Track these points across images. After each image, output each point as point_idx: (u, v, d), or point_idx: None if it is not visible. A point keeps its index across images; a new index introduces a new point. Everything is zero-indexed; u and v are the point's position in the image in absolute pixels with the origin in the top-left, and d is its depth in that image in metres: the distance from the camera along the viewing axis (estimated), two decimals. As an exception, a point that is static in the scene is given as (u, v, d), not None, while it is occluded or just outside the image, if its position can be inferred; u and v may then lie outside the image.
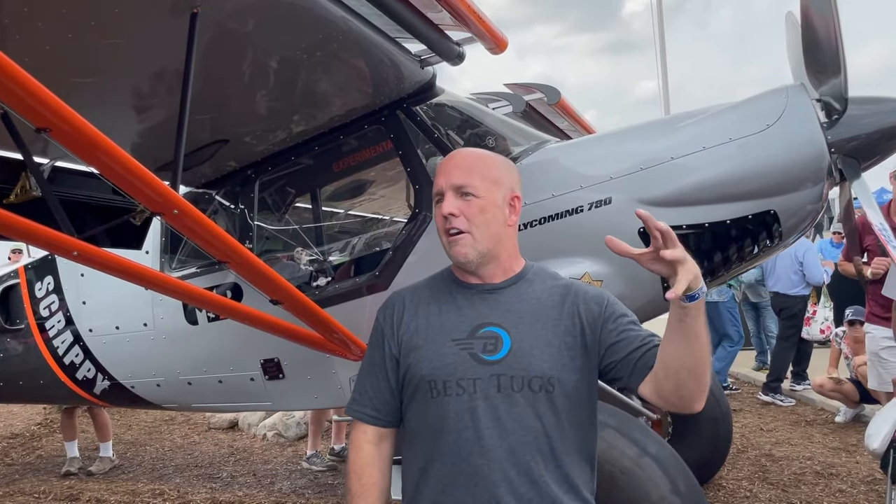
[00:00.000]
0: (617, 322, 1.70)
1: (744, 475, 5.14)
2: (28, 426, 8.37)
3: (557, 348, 1.65)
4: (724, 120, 3.28)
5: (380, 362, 1.76)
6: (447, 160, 1.80)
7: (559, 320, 1.68)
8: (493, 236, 1.71)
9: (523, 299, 1.71)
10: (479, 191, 1.70)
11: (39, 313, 4.79)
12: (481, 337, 1.65)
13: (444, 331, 1.69)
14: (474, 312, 1.70)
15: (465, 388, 1.61)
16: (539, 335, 1.65)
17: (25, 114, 1.93)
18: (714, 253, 3.26)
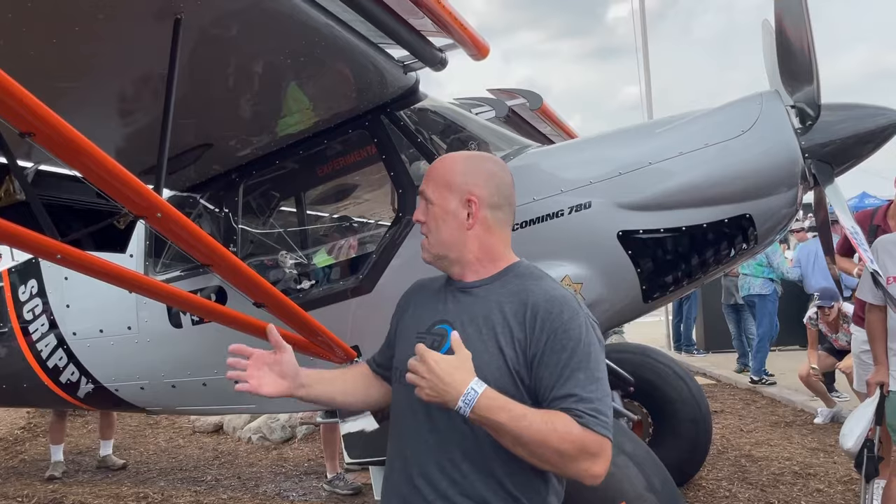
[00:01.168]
0: (553, 358, 1.57)
1: (723, 475, 5.21)
2: (11, 430, 8.32)
3: (495, 356, 1.61)
4: (701, 125, 3.35)
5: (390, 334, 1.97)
6: (432, 167, 1.86)
7: (508, 329, 1.63)
8: (444, 242, 1.75)
9: (485, 301, 1.69)
10: (434, 197, 1.76)
11: (23, 316, 4.78)
12: (434, 333, 1.72)
13: (416, 322, 1.81)
14: (442, 308, 1.77)
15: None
16: (482, 339, 1.63)
17: (10, 118, 1.95)
18: (691, 256, 3.32)
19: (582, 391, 1.53)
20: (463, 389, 1.48)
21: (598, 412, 1.52)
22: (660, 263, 3.32)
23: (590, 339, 1.59)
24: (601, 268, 3.34)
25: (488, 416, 1.48)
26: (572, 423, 1.49)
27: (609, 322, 3.61)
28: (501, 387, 1.55)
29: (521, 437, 1.48)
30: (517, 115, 5.42)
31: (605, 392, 1.57)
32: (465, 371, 1.51)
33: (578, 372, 1.54)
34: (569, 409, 1.51)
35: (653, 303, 3.49)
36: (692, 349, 11.43)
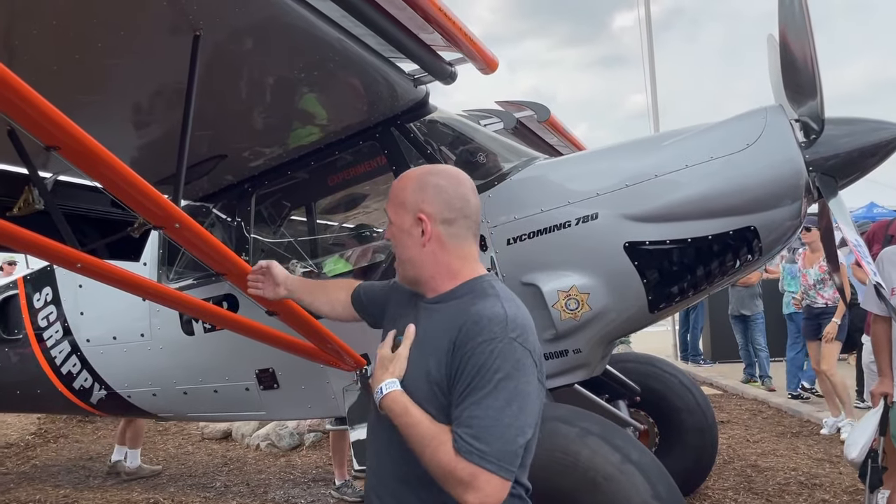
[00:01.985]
0: (459, 380, 1.56)
1: (729, 485, 5.23)
2: (22, 436, 8.40)
3: (424, 378, 1.62)
4: (707, 139, 3.40)
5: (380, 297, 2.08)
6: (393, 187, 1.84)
7: (440, 347, 1.61)
8: (409, 261, 1.75)
9: (431, 318, 1.71)
10: (392, 217, 1.76)
11: (38, 324, 4.86)
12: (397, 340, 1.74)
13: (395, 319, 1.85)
14: (405, 322, 1.75)
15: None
16: (417, 358, 1.65)
17: (36, 133, 2.03)
18: (697, 267, 3.37)
19: (465, 415, 1.50)
20: (377, 386, 1.64)
21: (476, 438, 1.47)
22: (666, 274, 3.37)
23: (497, 366, 1.51)
24: (608, 278, 3.39)
25: (389, 417, 1.61)
26: (447, 445, 1.49)
27: (615, 332, 3.66)
28: (419, 399, 1.58)
29: (409, 443, 1.57)
30: (525, 127, 5.49)
31: (498, 421, 1.48)
32: (385, 370, 1.65)
33: (471, 396, 1.51)
34: (453, 431, 1.51)
35: (659, 313, 3.53)
36: (699, 359, 11.43)
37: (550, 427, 2.62)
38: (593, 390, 4.25)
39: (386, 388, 1.61)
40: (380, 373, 1.65)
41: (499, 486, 1.47)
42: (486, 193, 3.65)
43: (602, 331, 3.53)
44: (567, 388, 3.80)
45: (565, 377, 3.67)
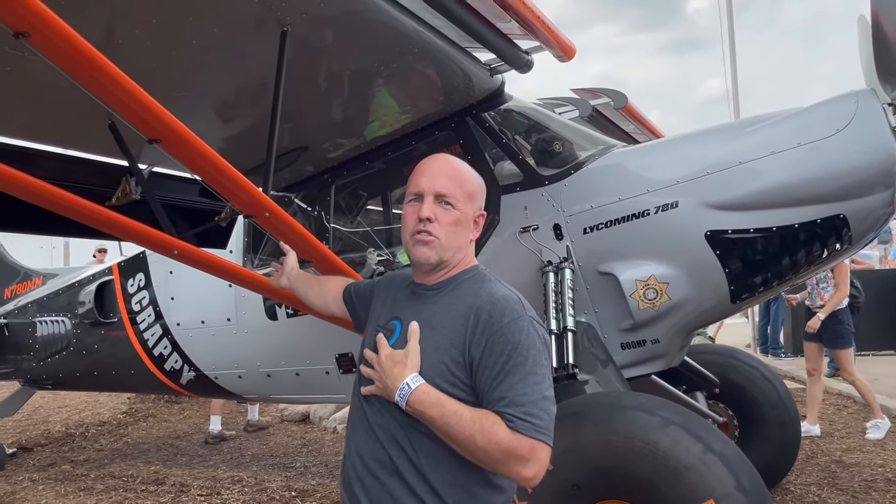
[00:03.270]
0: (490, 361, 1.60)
1: (812, 480, 5.09)
2: (114, 414, 8.87)
3: (438, 356, 1.64)
4: (793, 124, 3.30)
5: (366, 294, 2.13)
6: (431, 163, 1.82)
7: (452, 331, 1.66)
8: (457, 248, 1.76)
9: (437, 303, 1.74)
10: (458, 203, 1.74)
11: (131, 308, 5.13)
12: (387, 328, 1.78)
13: (379, 316, 1.87)
14: (398, 306, 1.82)
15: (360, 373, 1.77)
16: (430, 347, 1.65)
17: (140, 126, 2.15)
18: (782, 256, 3.29)
19: (513, 394, 1.55)
20: (399, 384, 1.58)
21: (530, 415, 1.53)
22: (749, 264, 3.30)
23: (529, 343, 1.60)
24: (687, 268, 3.34)
25: (421, 411, 1.56)
26: (500, 425, 1.52)
27: (695, 322, 3.61)
28: (442, 386, 1.60)
29: (451, 433, 1.55)
30: (601, 115, 5.43)
31: (542, 395, 1.56)
32: (403, 366, 1.61)
33: (512, 375, 1.56)
34: (500, 412, 1.54)
35: (741, 304, 3.47)
36: (779, 352, 11.09)
37: (630, 416, 2.62)
38: (670, 381, 4.21)
39: (413, 383, 1.57)
40: (396, 370, 1.60)
41: (549, 455, 1.56)
42: (562, 182, 3.65)
43: (681, 321, 3.48)
44: (644, 379, 3.77)
45: (642, 367, 3.64)
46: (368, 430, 1.71)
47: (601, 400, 2.91)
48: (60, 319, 5.72)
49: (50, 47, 1.78)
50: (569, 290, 3.37)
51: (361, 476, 1.70)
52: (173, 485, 5.67)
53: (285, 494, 5.24)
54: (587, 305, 3.52)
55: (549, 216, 3.60)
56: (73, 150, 3.79)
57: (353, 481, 1.72)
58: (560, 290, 3.37)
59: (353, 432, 1.78)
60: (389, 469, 1.66)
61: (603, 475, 2.63)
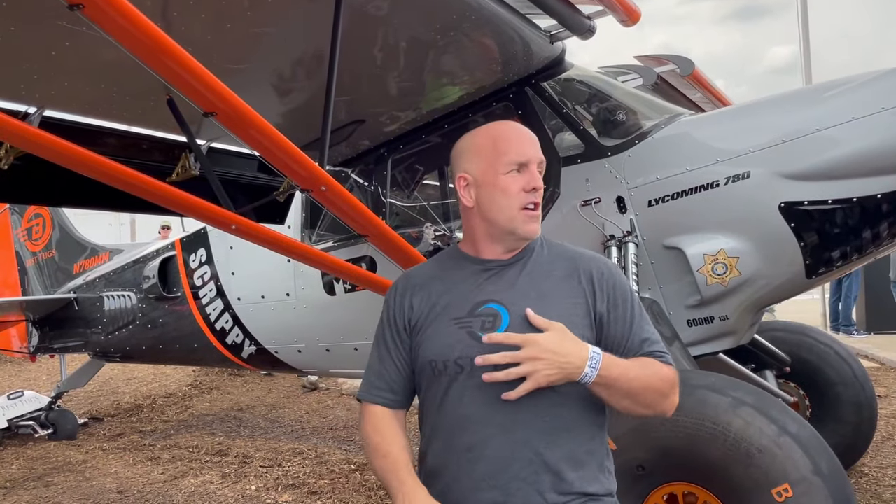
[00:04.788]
0: (619, 311, 1.64)
1: (889, 463, 4.85)
2: (180, 387, 9.14)
3: (567, 321, 1.56)
4: (876, 88, 3.09)
5: (393, 346, 1.70)
6: (513, 130, 1.70)
7: (569, 296, 1.62)
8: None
9: (529, 274, 1.65)
10: (542, 167, 1.68)
11: (193, 283, 5.22)
12: (480, 315, 1.60)
13: (447, 310, 1.65)
14: (477, 290, 1.64)
15: (462, 367, 1.58)
16: (548, 312, 1.56)
17: (196, 99, 2.13)
18: (863, 229, 3.10)
19: (651, 334, 1.66)
20: (586, 355, 1.49)
21: (664, 349, 1.65)
22: (826, 237, 3.12)
23: (630, 287, 1.72)
24: (760, 241, 3.18)
25: (607, 375, 1.50)
26: (659, 363, 1.60)
27: (767, 299, 3.44)
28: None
29: (633, 386, 1.53)
30: (665, 83, 5.23)
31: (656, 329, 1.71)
32: (574, 340, 1.50)
33: (640, 318, 1.66)
34: (649, 353, 1.62)
35: (817, 279, 3.29)
36: (851, 329, 10.66)
37: (700, 395, 2.51)
38: (739, 359, 4.05)
39: (597, 355, 1.49)
40: (570, 345, 1.48)
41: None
42: (626, 153, 3.52)
43: (752, 297, 3.33)
44: (711, 357, 3.63)
45: (710, 345, 3.51)
46: (502, 429, 1.56)
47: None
48: (126, 294, 5.88)
49: (104, 19, 1.75)
50: (633, 265, 3.26)
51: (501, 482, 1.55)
52: (236, 456, 5.80)
53: (345, 468, 5.29)
54: (652, 281, 3.40)
55: (612, 188, 3.48)
56: (135, 126, 3.83)
57: (486, 489, 1.56)
58: (624, 265, 3.26)
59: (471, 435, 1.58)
60: (536, 466, 1.55)
61: (669, 457, 2.53)
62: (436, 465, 1.65)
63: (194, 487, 5.08)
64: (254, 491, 4.92)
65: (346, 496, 4.66)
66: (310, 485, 4.93)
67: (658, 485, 2.58)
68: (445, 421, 1.62)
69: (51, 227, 7.62)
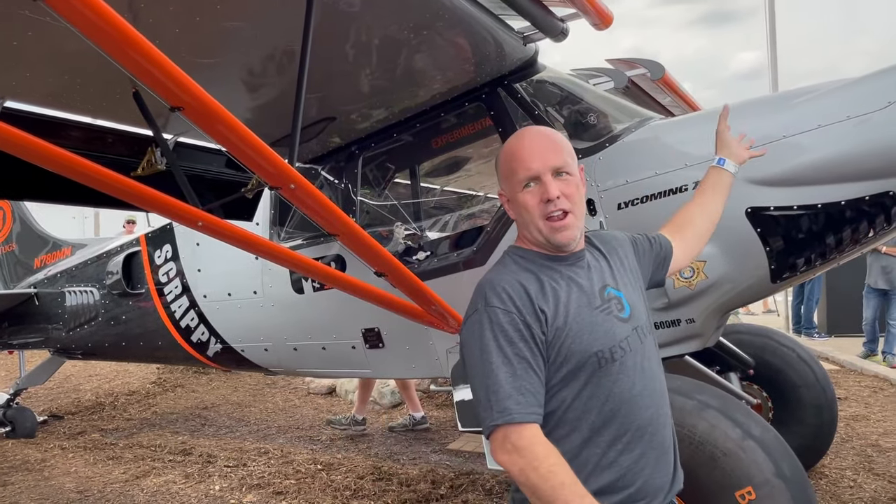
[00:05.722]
0: (645, 242, 2.07)
1: (848, 465, 4.96)
2: (144, 384, 8.99)
3: (639, 292, 1.87)
4: (842, 97, 3.13)
5: (531, 355, 1.61)
6: (530, 142, 1.75)
7: (625, 270, 1.87)
8: (584, 211, 1.79)
9: (597, 260, 1.84)
10: (572, 169, 1.73)
11: (158, 279, 5.13)
12: (609, 299, 1.74)
13: (582, 303, 1.68)
14: (588, 281, 1.75)
15: (625, 349, 1.69)
16: (628, 287, 1.82)
17: (162, 94, 2.07)
18: (826, 235, 3.15)
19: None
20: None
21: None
22: (791, 242, 3.16)
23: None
24: (727, 246, 3.22)
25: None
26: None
27: (732, 302, 3.48)
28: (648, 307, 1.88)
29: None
30: (636, 86, 5.26)
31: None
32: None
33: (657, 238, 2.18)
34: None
35: (781, 283, 3.33)
36: (812, 332, 10.87)
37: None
38: (704, 362, 4.10)
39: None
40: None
41: None
42: (597, 156, 3.53)
43: (718, 301, 3.37)
44: (677, 360, 3.67)
45: (676, 347, 3.54)
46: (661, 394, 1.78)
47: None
48: (89, 290, 5.76)
49: (67, 9, 1.70)
50: (602, 268, 3.27)
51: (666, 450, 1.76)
52: (200, 455, 5.72)
53: (311, 468, 5.25)
54: (620, 283, 3.41)
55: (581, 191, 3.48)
56: (100, 119, 3.75)
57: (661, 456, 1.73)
58: (592, 268, 3.27)
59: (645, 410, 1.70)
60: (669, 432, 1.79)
61: (636, 459, 2.54)
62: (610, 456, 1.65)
63: (156, 487, 5.00)
64: (217, 491, 4.86)
65: (312, 496, 4.62)
66: (275, 485, 4.89)
67: (624, 487, 2.59)
68: (620, 407, 1.66)
69: (11, 221, 7.44)
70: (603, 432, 1.64)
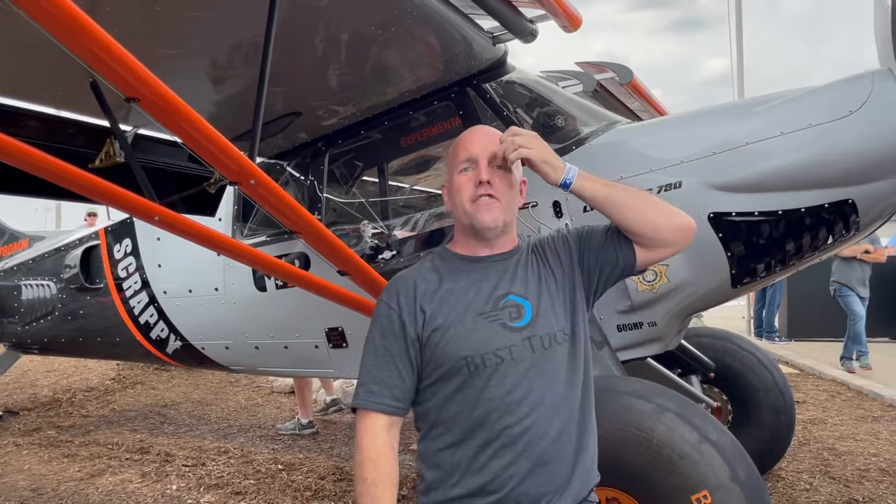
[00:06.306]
0: (581, 234, 1.88)
1: (804, 468, 5.04)
2: (102, 381, 8.81)
3: (562, 300, 1.78)
4: (804, 105, 3.18)
5: (398, 351, 1.72)
6: (475, 132, 1.86)
7: (553, 274, 1.80)
8: (513, 212, 1.82)
9: (525, 264, 1.81)
10: (509, 168, 1.79)
11: (118, 274, 5.02)
12: (504, 307, 1.72)
13: (468, 308, 1.72)
14: (490, 285, 1.75)
15: (502, 357, 1.67)
16: (548, 293, 1.76)
17: (117, 84, 2.02)
18: (787, 241, 3.19)
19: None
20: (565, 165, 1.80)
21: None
22: (752, 248, 3.20)
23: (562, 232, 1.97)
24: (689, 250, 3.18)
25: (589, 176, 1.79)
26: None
27: (694, 306, 3.51)
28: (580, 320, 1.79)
29: (626, 193, 1.79)
30: (605, 90, 5.29)
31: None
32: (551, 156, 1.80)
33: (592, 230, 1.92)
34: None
35: (742, 288, 3.37)
36: (774, 336, 11.05)
37: (625, 402, 2.53)
38: (666, 364, 4.13)
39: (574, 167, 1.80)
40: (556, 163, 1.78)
41: None
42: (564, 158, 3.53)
43: (680, 304, 3.39)
44: (639, 362, 3.69)
45: (638, 350, 3.56)
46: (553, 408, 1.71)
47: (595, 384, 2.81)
48: (46, 283, 5.61)
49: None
50: (566, 270, 3.27)
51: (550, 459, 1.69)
52: (158, 454, 5.61)
53: (271, 468, 5.18)
54: (584, 286, 3.42)
55: (549, 193, 3.48)
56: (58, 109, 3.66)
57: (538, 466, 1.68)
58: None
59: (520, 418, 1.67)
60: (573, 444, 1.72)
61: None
62: (480, 460, 1.67)
63: (112, 486, 4.90)
64: (175, 490, 4.77)
65: (272, 497, 4.56)
66: (234, 485, 4.81)
67: (582, 490, 2.59)
68: (490, 413, 1.67)
69: (-35, 211, 7.23)
70: (474, 436, 1.68)
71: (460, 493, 1.66)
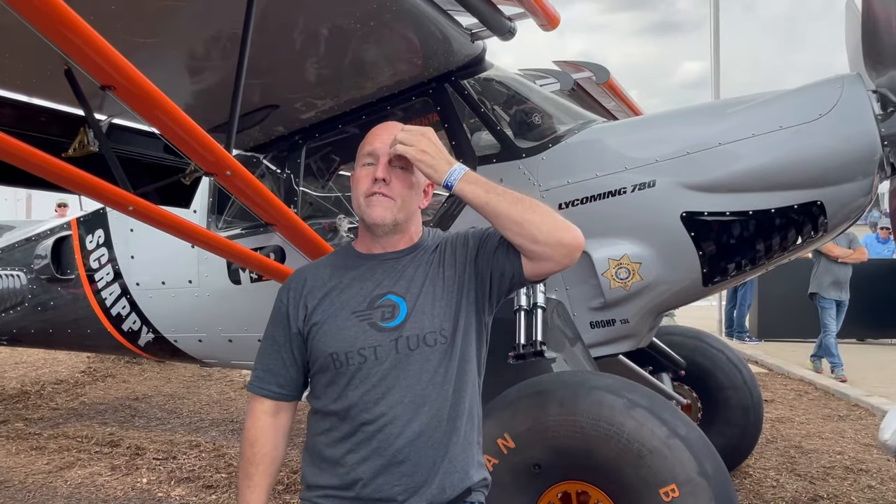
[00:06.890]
0: (481, 236, 1.80)
1: (771, 465, 5.13)
2: (72, 373, 8.68)
3: (447, 301, 1.72)
4: (776, 107, 3.24)
5: (283, 341, 1.78)
6: (384, 128, 1.80)
7: (443, 274, 1.76)
8: (410, 212, 1.78)
9: (418, 264, 1.77)
10: (411, 168, 1.74)
11: (89, 265, 4.95)
12: (380, 307, 1.70)
13: (345, 305, 1.73)
14: (373, 283, 1.74)
15: (366, 356, 1.67)
16: (431, 293, 1.72)
17: (92, 72, 2.01)
18: (757, 241, 3.25)
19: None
20: (450, 166, 1.66)
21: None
22: (723, 247, 3.25)
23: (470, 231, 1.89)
24: (662, 248, 3.29)
25: (477, 180, 1.67)
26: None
27: (666, 304, 3.57)
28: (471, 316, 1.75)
29: (514, 208, 1.64)
30: (582, 89, 5.34)
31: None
32: (441, 159, 1.67)
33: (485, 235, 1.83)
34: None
35: (713, 287, 3.43)
36: (744, 336, 11.21)
37: (596, 396, 2.57)
38: (637, 362, 4.19)
39: (460, 169, 1.67)
40: (437, 163, 1.66)
41: None
42: (540, 156, 3.56)
43: (652, 302, 3.44)
44: (611, 359, 3.73)
45: (610, 347, 3.60)
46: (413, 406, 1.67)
47: (567, 379, 2.85)
48: (15, 274, 5.52)
49: (-10, -23, 1.63)
50: (540, 267, 3.30)
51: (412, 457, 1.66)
52: (128, 447, 5.55)
53: (244, 461, 5.15)
54: (558, 282, 3.46)
55: (525, 190, 3.47)
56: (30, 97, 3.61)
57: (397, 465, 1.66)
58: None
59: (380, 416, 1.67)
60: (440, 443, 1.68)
61: (565, 456, 2.57)
62: (338, 452, 1.70)
63: (80, 479, 4.84)
64: (145, 484, 4.73)
65: (243, 490, 4.54)
66: (205, 478, 4.78)
67: (553, 483, 2.62)
68: (350, 409, 1.68)
69: (-66, 199, 7.09)
70: (339, 429, 1.71)
71: (323, 482, 1.71)
